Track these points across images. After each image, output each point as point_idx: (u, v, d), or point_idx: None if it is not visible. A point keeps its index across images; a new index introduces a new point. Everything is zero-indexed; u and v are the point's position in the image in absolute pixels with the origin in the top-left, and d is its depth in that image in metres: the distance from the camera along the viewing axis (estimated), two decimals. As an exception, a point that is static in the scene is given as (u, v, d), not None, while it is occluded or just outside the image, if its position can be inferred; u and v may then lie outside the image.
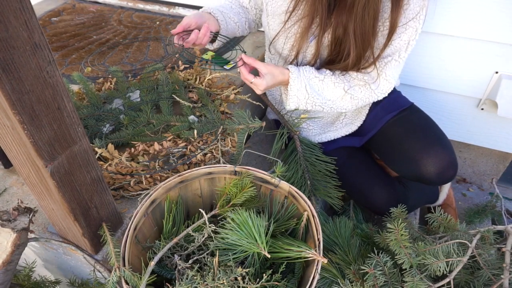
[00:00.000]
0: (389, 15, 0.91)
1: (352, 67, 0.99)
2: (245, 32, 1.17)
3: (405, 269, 0.79)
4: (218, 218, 0.84)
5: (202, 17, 1.02)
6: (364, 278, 0.79)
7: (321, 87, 1.00)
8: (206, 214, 0.79)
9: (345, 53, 0.96)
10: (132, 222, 0.75)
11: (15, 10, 0.51)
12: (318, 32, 0.96)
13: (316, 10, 0.92)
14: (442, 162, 0.99)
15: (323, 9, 0.91)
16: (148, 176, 0.97)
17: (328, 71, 1.01)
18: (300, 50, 1.02)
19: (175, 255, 0.77)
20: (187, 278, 0.70)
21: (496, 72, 1.27)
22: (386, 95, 1.04)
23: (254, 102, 1.19)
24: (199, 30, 0.96)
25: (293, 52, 1.03)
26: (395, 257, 0.80)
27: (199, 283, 0.69)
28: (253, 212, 0.74)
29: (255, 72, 0.99)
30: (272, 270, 0.76)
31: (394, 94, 1.17)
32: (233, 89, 1.26)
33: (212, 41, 1.08)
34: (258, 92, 0.99)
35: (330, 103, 1.02)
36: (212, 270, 0.72)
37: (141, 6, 1.97)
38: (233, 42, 1.17)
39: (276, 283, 0.73)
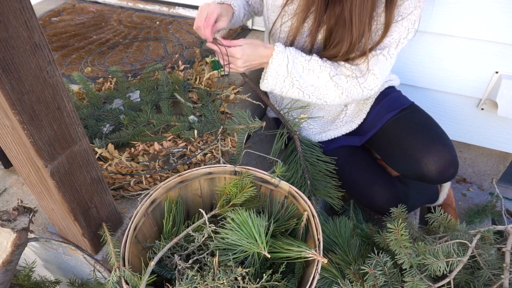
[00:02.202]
0: (383, 10, 0.90)
1: (342, 55, 0.96)
2: (236, 25, 1.14)
3: (405, 269, 0.79)
4: (218, 218, 0.84)
5: (222, 10, 0.97)
6: (364, 278, 0.79)
7: (306, 67, 0.96)
8: (206, 214, 0.78)
9: (337, 40, 0.94)
10: (132, 222, 0.75)
11: (15, 10, 0.51)
12: (313, 26, 0.96)
13: (313, 3, 0.92)
14: (443, 160, 0.99)
15: (319, 2, 0.90)
16: (148, 176, 0.97)
17: (315, 55, 0.99)
18: (294, 41, 1.02)
19: (175, 255, 0.77)
20: (187, 278, 0.70)
21: (496, 72, 1.27)
22: (373, 92, 1.02)
23: (254, 101, 1.19)
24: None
25: (287, 43, 1.03)
26: (395, 257, 0.80)
27: (199, 283, 0.69)
28: (253, 212, 0.74)
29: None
30: (272, 270, 0.76)
31: (395, 93, 1.17)
32: (233, 89, 1.26)
33: None
34: (239, 68, 0.94)
35: (311, 88, 0.98)
36: (212, 270, 0.71)
37: (141, 6, 1.97)
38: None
39: (276, 283, 0.73)
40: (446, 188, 1.35)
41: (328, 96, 1.00)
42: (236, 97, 1.25)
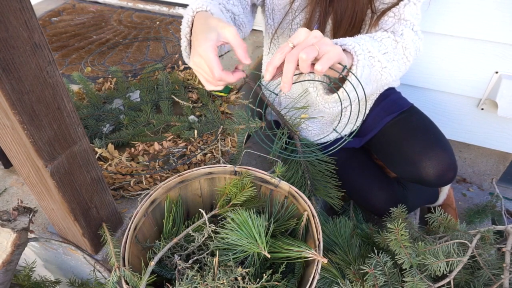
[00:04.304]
0: None
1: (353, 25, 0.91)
2: None
3: (405, 269, 0.79)
4: (218, 218, 0.84)
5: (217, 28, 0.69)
6: (364, 278, 0.79)
7: (373, 41, 0.83)
8: (206, 214, 0.78)
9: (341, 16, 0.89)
10: (132, 222, 0.75)
11: (15, 10, 0.51)
12: (320, 17, 0.94)
13: None
14: (442, 164, 0.99)
15: None
16: (148, 176, 0.97)
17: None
18: None
19: (175, 255, 0.77)
20: (187, 278, 0.70)
21: (496, 72, 1.27)
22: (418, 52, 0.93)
23: (255, 108, 1.18)
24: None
25: None
26: (395, 257, 0.80)
27: (199, 283, 0.69)
28: (253, 212, 0.74)
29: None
30: (272, 270, 0.76)
31: (394, 95, 1.17)
32: (235, 93, 1.26)
33: None
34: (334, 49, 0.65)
35: (386, 56, 0.85)
36: (212, 270, 0.71)
37: (141, 6, 1.97)
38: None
39: (276, 283, 0.73)
40: (446, 189, 1.35)
41: (399, 62, 0.88)
42: (236, 100, 1.25)
